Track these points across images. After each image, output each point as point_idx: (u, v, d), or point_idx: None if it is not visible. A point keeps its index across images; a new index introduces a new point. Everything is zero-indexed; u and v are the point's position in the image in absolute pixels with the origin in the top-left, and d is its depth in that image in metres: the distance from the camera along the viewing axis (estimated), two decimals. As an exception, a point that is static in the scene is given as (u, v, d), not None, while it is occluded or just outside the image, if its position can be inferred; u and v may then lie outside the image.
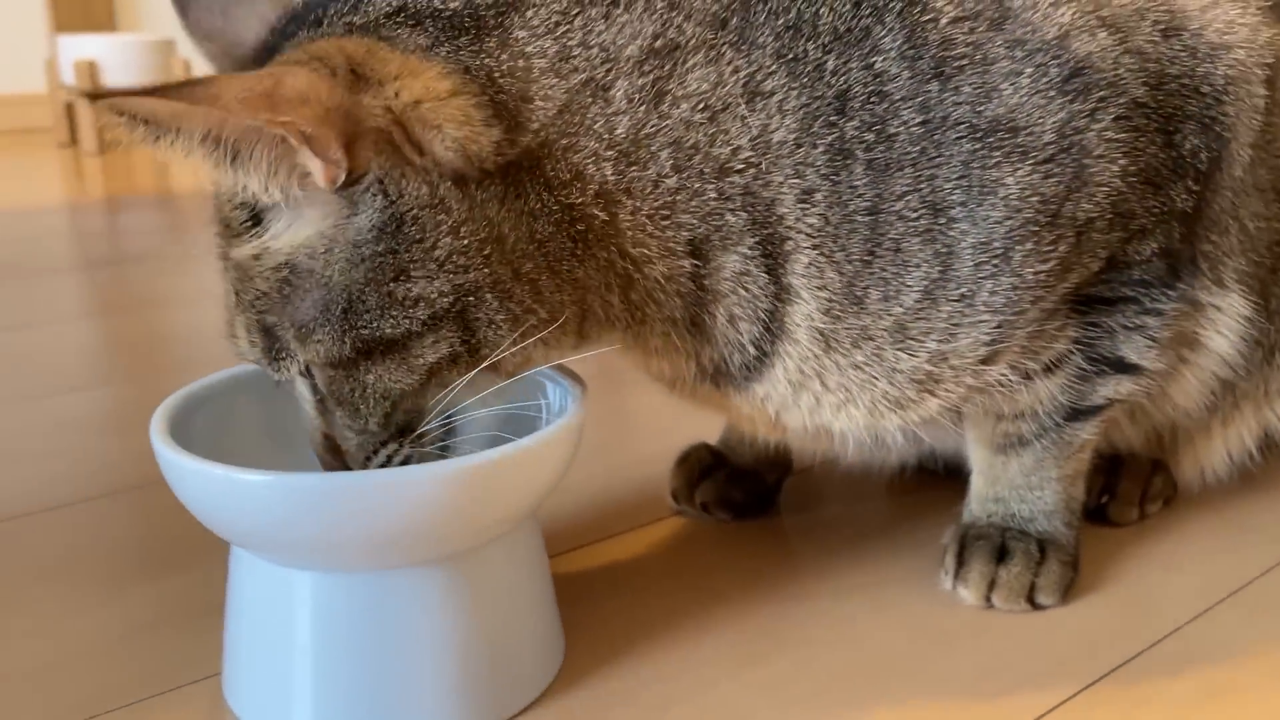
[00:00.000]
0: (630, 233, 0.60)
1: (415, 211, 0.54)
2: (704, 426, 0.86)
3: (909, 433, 0.69)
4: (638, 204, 0.59)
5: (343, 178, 0.53)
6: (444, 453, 0.61)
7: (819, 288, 0.62)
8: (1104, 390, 0.69)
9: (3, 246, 1.88)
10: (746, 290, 0.62)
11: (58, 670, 0.66)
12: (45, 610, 0.73)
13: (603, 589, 0.74)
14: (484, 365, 0.57)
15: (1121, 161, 0.62)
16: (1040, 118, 0.61)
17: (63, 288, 1.67)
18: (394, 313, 0.55)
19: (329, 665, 0.58)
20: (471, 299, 0.56)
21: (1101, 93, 0.61)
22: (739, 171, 0.60)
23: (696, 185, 0.60)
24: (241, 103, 0.50)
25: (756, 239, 0.61)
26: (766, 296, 0.62)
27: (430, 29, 0.57)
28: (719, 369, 0.65)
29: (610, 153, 0.59)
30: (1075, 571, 0.73)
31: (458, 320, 0.56)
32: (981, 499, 0.75)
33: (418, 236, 0.54)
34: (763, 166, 0.60)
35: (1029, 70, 0.61)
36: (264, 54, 0.60)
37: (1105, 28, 0.62)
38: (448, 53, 0.57)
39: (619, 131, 0.59)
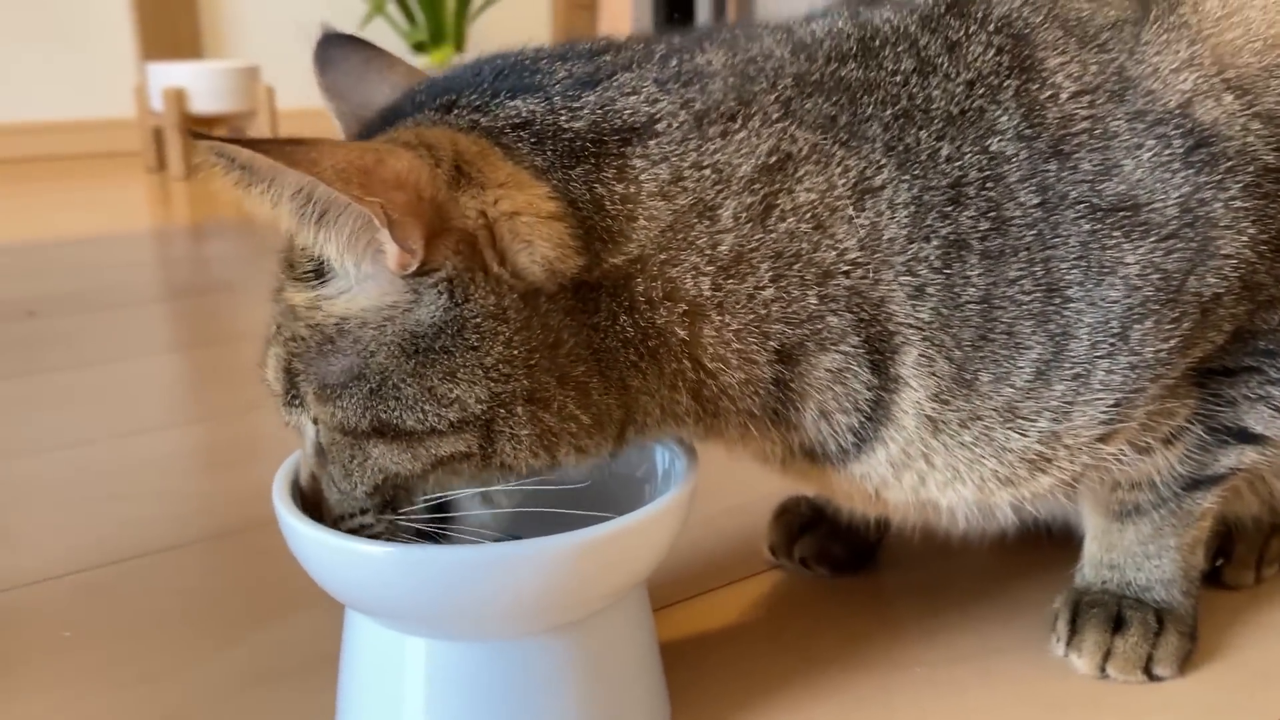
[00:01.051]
0: (711, 347, 0.58)
1: (479, 319, 0.53)
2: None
3: (1020, 507, 0.67)
4: (726, 319, 0.58)
5: (414, 267, 0.53)
6: (418, 537, 0.59)
7: (929, 375, 0.60)
8: (1227, 460, 0.67)
9: (93, 275, 1.92)
10: (844, 386, 0.60)
11: (173, 723, 0.67)
12: (161, 659, 0.74)
13: (704, 650, 0.74)
14: (491, 470, 0.56)
15: (1251, 231, 0.60)
16: (1163, 192, 0.58)
17: (150, 319, 1.69)
18: (425, 408, 0.54)
19: (444, 732, 0.58)
20: (502, 410, 0.54)
21: (1229, 162, 0.59)
22: (844, 274, 0.58)
23: (796, 293, 0.58)
24: (338, 173, 0.50)
25: (861, 337, 0.59)
26: (869, 389, 0.61)
27: (549, 153, 0.56)
28: (811, 451, 0.64)
29: (710, 268, 0.57)
30: (1193, 642, 0.71)
31: (483, 428, 0.55)
32: (1096, 565, 0.73)
33: (475, 344, 0.54)
34: (871, 266, 0.58)
35: (1151, 143, 0.59)
36: (390, 116, 0.60)
37: (1231, 90, 0.60)
38: (559, 181, 0.56)
39: (721, 249, 0.57)
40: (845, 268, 0.58)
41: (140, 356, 1.47)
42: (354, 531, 0.58)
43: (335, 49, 0.67)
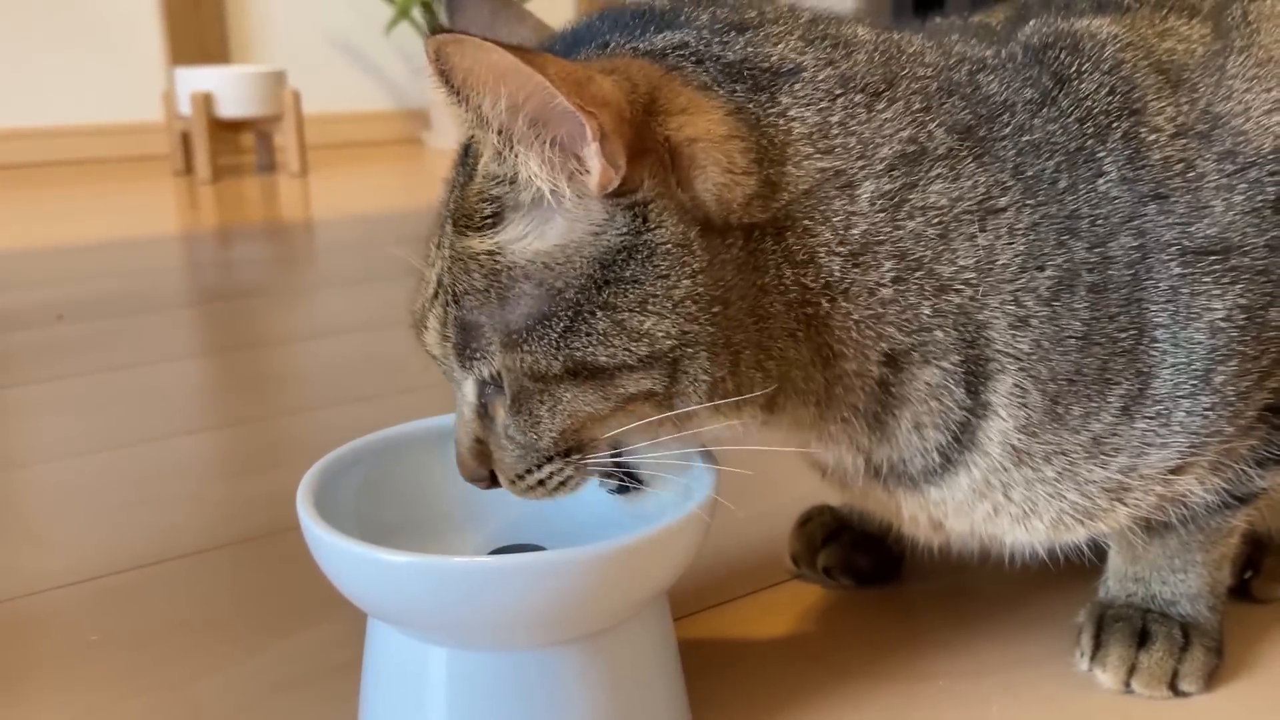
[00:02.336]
0: (838, 329, 0.59)
1: (669, 246, 0.54)
2: (819, 484, 0.84)
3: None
4: (850, 307, 0.58)
5: (615, 185, 0.53)
6: (606, 479, 0.61)
7: (1020, 406, 0.60)
8: (1263, 482, 0.66)
9: (121, 279, 1.94)
10: (939, 402, 0.61)
11: (198, 729, 0.68)
12: (186, 664, 0.75)
13: (726, 659, 0.74)
14: (671, 414, 0.57)
15: None
16: (1255, 237, 0.58)
17: (178, 323, 1.71)
18: (616, 341, 0.54)
19: (466, 742, 0.58)
20: (689, 349, 0.55)
21: None
22: (957, 290, 0.59)
23: (912, 299, 0.58)
24: (562, 79, 0.50)
25: (961, 357, 0.60)
26: (961, 409, 0.61)
27: (711, 69, 0.57)
28: (894, 469, 0.64)
29: (842, 249, 0.58)
30: (1220, 658, 0.71)
31: (670, 366, 0.55)
32: (1120, 577, 0.73)
33: (665, 272, 0.54)
34: (981, 289, 0.59)
35: (1242, 187, 0.59)
36: None
37: None
38: (726, 94, 0.57)
39: (854, 231, 0.58)
40: (959, 285, 0.59)
41: (168, 361, 1.48)
42: (540, 484, 0.59)
43: (466, 2, 0.66)
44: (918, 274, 0.58)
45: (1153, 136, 0.59)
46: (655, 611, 0.64)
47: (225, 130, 3.01)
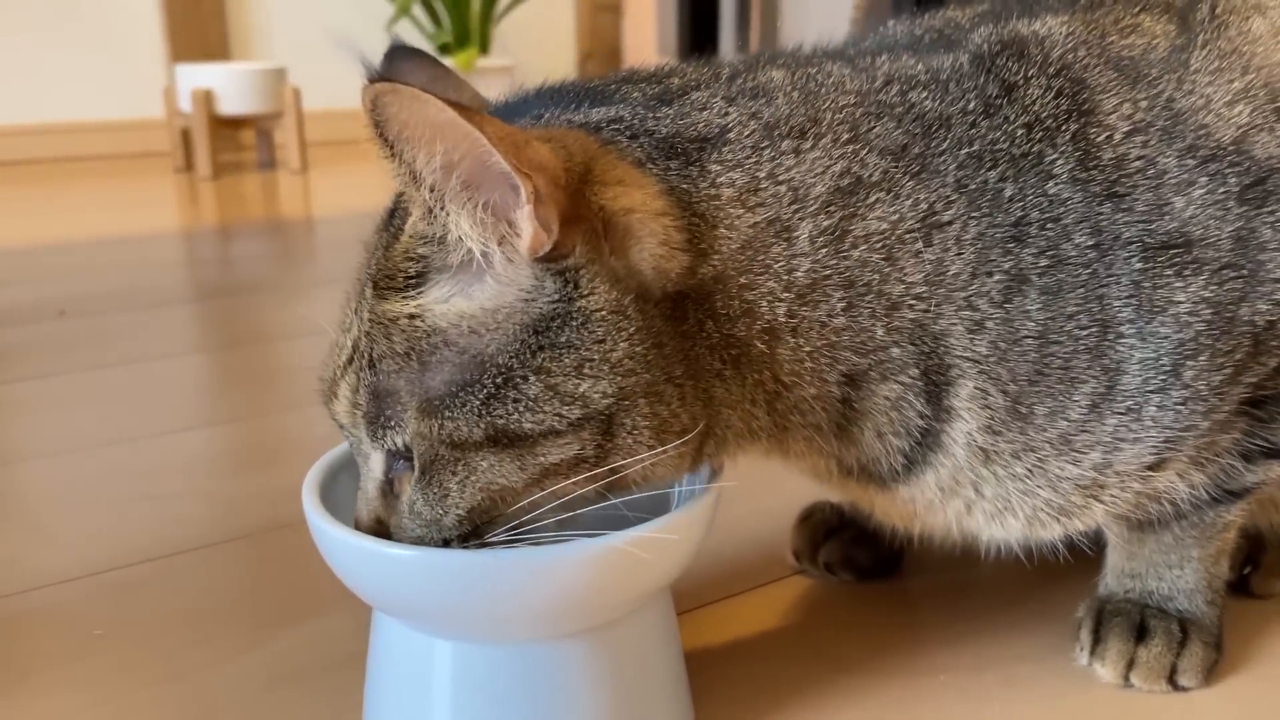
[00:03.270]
0: (787, 365, 0.59)
1: (603, 312, 0.53)
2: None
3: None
4: (800, 342, 0.58)
5: (547, 249, 0.52)
6: None
7: (982, 408, 0.60)
8: (1253, 476, 0.66)
9: (122, 275, 1.94)
10: (900, 413, 0.61)
11: (203, 722, 0.68)
12: (190, 658, 0.75)
13: (728, 654, 0.74)
14: (606, 473, 0.55)
15: None
16: (1217, 229, 0.58)
17: (179, 319, 1.71)
18: (548, 407, 0.53)
19: (470, 734, 0.59)
20: (627, 403, 0.54)
21: None
22: (910, 306, 0.59)
23: (865, 324, 0.59)
24: (500, 139, 0.49)
25: (920, 369, 0.60)
26: (922, 418, 0.61)
27: (645, 145, 0.57)
28: (865, 469, 0.64)
29: (787, 294, 0.58)
30: (1219, 652, 0.71)
31: (603, 424, 0.54)
32: (1118, 573, 0.73)
33: (601, 337, 0.53)
34: (935, 300, 0.59)
35: (1203, 180, 0.59)
36: None
37: None
38: (659, 172, 0.57)
39: (798, 274, 0.58)
40: (911, 301, 0.59)
41: (169, 357, 1.49)
42: None
43: (403, 62, 0.66)
44: (868, 298, 0.58)
45: (1104, 136, 0.59)
46: (659, 606, 0.64)
47: (226, 127, 3.01)
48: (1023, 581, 0.83)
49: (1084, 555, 0.77)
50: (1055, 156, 0.59)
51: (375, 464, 0.58)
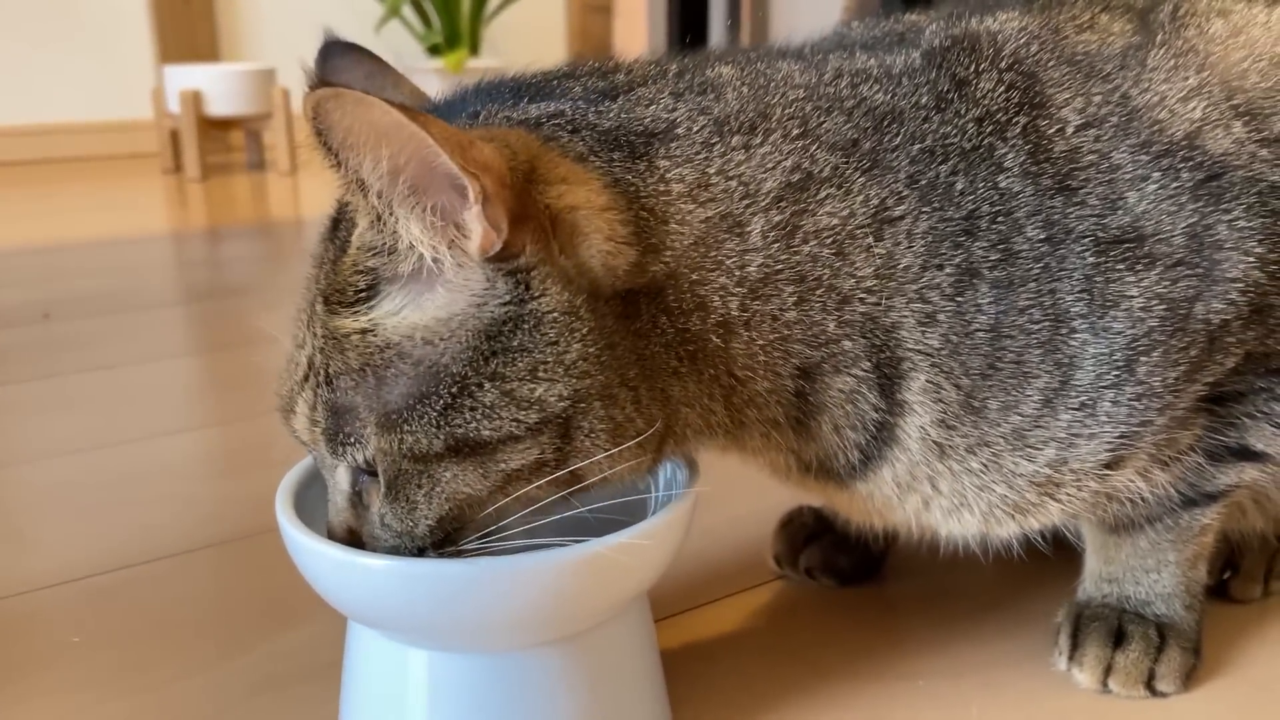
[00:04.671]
0: (741, 359, 0.59)
1: (555, 313, 0.53)
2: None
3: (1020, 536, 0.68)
4: (753, 335, 0.58)
5: (497, 249, 0.52)
6: None
7: (935, 401, 0.60)
8: (1225, 479, 0.67)
9: (108, 277, 1.93)
10: (854, 406, 0.61)
11: (179, 730, 0.68)
12: (168, 665, 0.75)
13: (706, 660, 0.74)
14: (567, 477, 0.55)
15: (1258, 250, 0.59)
16: (1169, 224, 0.58)
17: (166, 322, 1.70)
18: (504, 413, 0.53)
19: (444, 744, 0.58)
20: (583, 405, 0.54)
21: (1236, 189, 0.59)
22: (860, 300, 0.59)
23: (817, 318, 0.59)
24: (445, 139, 0.48)
25: (872, 363, 0.60)
26: (877, 411, 0.61)
27: (588, 138, 0.57)
28: (823, 465, 0.64)
29: (739, 289, 0.58)
30: (1197, 657, 0.71)
31: (560, 427, 0.54)
32: (1096, 578, 0.73)
33: (554, 339, 0.53)
34: (885, 293, 0.59)
35: (1156, 175, 0.59)
36: None
37: (1240, 118, 0.60)
38: (602, 164, 0.56)
39: (750, 269, 0.58)
40: (862, 294, 0.59)
41: (155, 360, 1.48)
42: None
43: (339, 59, 0.65)
44: (818, 292, 0.58)
45: (1055, 129, 0.59)
46: (636, 613, 0.64)
47: (215, 128, 3.00)
48: (1002, 586, 0.83)
49: (1063, 559, 0.77)
50: (1006, 150, 0.59)
51: (341, 477, 0.57)
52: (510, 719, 0.58)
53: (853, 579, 0.83)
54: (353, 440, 0.54)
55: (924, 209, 0.59)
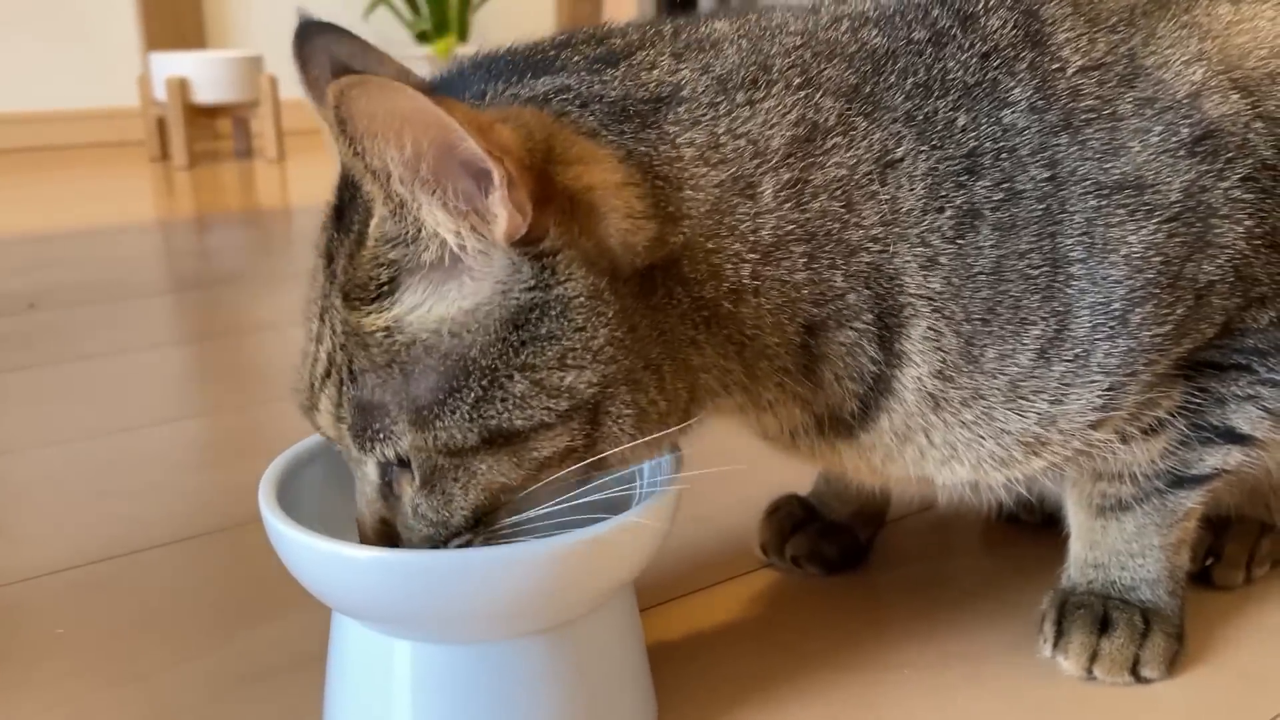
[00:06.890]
0: (750, 321, 0.59)
1: (581, 298, 0.52)
2: (789, 474, 0.85)
3: (1010, 488, 0.68)
4: (762, 300, 0.59)
5: (522, 233, 0.51)
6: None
7: (934, 350, 0.61)
8: (1211, 460, 0.67)
9: (94, 267, 1.92)
10: (854, 358, 0.61)
11: (163, 722, 0.68)
12: (152, 656, 0.75)
13: (692, 650, 0.74)
14: (593, 460, 0.56)
15: (1247, 223, 0.61)
16: (1168, 177, 0.59)
17: (152, 311, 1.69)
18: (535, 402, 0.52)
19: (429, 734, 0.58)
20: (610, 390, 0.54)
21: (1230, 154, 0.60)
22: (866, 249, 0.59)
23: (824, 274, 0.59)
24: (468, 122, 0.48)
25: (874, 314, 0.60)
26: (874, 364, 0.61)
27: (597, 112, 0.56)
28: (834, 417, 0.64)
29: (752, 255, 0.58)
30: (1181, 643, 0.71)
31: (589, 413, 0.54)
32: (1080, 565, 0.73)
33: (582, 325, 0.52)
34: (889, 240, 0.59)
35: (1158, 129, 0.60)
36: None
37: (1237, 90, 0.61)
38: (614, 137, 0.56)
39: (764, 231, 0.58)
40: (868, 244, 0.59)
41: (141, 350, 1.47)
42: None
43: (319, 39, 0.63)
44: (828, 248, 0.59)
45: (1057, 66, 0.60)
46: (621, 602, 0.64)
47: (202, 116, 2.98)
48: (988, 575, 0.84)
49: (1046, 547, 0.77)
50: (1013, 84, 0.60)
51: (370, 470, 0.57)
52: (495, 709, 0.58)
53: (839, 567, 0.83)
54: (382, 436, 0.54)
55: (923, 147, 0.59)
